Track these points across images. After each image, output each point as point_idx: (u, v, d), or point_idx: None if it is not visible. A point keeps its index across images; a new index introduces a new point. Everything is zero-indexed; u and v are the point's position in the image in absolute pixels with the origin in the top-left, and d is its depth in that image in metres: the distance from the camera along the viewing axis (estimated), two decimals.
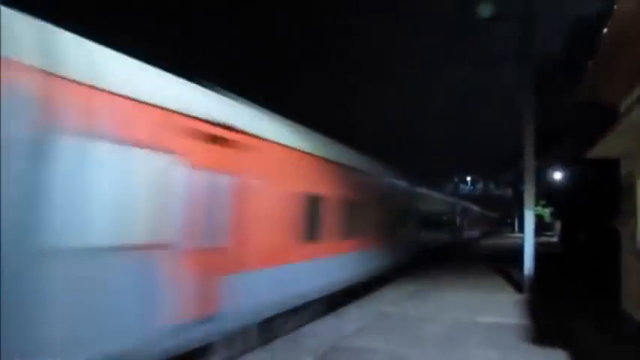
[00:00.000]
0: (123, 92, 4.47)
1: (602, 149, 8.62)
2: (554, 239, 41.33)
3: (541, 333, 7.93)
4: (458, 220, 30.64)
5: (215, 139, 5.65)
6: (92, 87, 4.17)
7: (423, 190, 20.00)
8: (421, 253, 18.35)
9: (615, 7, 6.00)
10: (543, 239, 39.69)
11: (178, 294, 4.99)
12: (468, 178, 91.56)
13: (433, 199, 22.34)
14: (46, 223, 3.72)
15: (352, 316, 9.13)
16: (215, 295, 5.56)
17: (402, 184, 16.19)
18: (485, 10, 14.74)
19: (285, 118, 8.39)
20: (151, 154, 4.73)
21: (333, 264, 9.32)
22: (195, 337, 5.30)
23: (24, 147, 3.63)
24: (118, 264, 4.36)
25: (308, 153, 8.35)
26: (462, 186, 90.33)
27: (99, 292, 4.15)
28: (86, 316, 4.04)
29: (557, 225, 41.04)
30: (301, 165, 8.13)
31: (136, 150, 4.56)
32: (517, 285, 13.04)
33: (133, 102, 4.60)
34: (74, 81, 4.02)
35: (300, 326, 8.06)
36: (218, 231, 5.68)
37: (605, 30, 6.67)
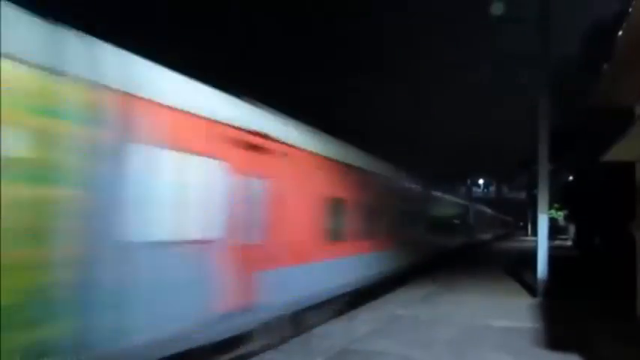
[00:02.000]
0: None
1: (617, 152, 8.54)
2: (569, 243, 40.86)
3: (555, 338, 7.86)
4: (470, 223, 30.43)
5: None
6: None
7: (436, 193, 19.94)
8: (434, 256, 18.29)
9: (631, 9, 5.96)
10: (557, 243, 39.25)
11: None
12: (481, 181, 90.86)
13: (446, 201, 22.24)
14: None
15: (364, 318, 9.14)
16: None
17: (416, 186, 16.19)
18: (498, 8, 14.69)
19: (292, 118, 8.41)
20: None
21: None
22: None
23: None
24: None
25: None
26: (474, 189, 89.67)
27: None
28: None
29: (572, 228, 40.58)
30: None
31: None
32: (530, 289, 12.94)
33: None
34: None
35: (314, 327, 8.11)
36: None
37: (620, 32, 6.62)
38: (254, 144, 6.43)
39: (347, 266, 9.71)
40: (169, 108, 5.06)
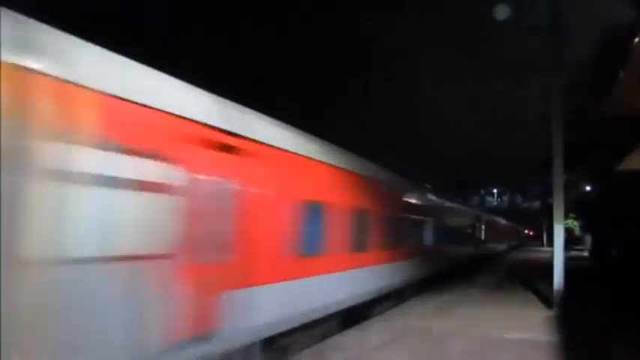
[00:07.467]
0: None
1: (634, 161, 8.41)
2: (585, 253, 40.19)
3: (573, 350, 7.69)
4: (484, 233, 30.06)
5: None
6: None
7: (450, 204, 19.78)
8: (447, 267, 18.11)
9: None
10: (573, 253, 38.62)
11: None
12: (495, 191, 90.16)
13: (458, 212, 22.05)
14: None
15: (377, 329, 9.05)
16: None
17: (432, 198, 16.09)
18: (503, 12, 14.63)
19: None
20: None
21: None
22: None
23: None
24: None
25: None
26: (488, 198, 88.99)
27: None
28: None
29: (588, 239, 39.94)
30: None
31: None
32: (546, 300, 12.72)
33: None
34: None
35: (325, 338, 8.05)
36: None
37: (636, 39, 6.55)
38: None
39: None
40: None
